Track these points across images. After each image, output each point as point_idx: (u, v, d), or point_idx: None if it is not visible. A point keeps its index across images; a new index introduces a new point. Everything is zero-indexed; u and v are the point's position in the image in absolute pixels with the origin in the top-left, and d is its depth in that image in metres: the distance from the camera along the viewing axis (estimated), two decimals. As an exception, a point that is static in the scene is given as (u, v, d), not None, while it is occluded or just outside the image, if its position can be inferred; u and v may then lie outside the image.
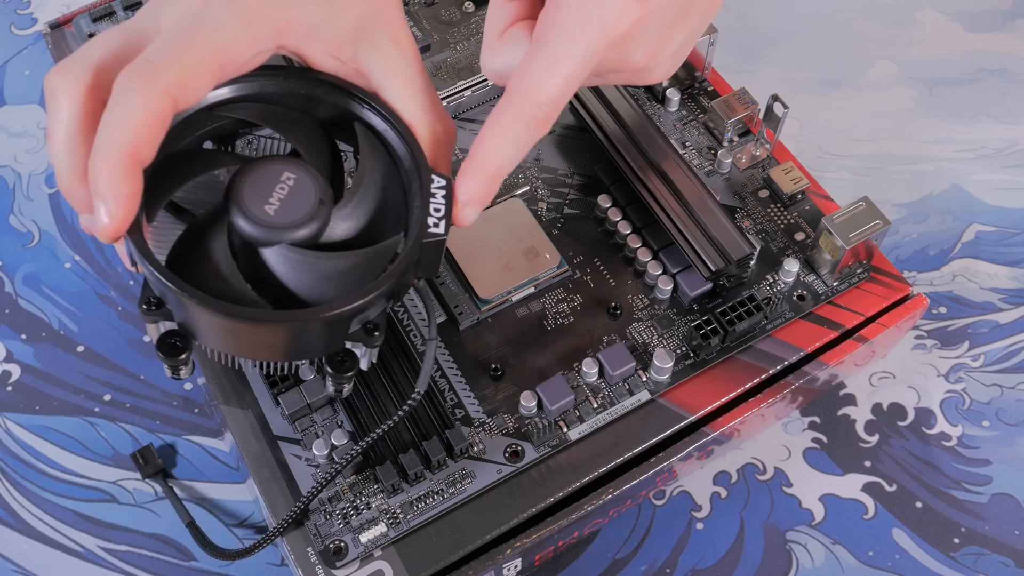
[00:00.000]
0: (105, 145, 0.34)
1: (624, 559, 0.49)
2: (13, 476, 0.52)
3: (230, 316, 0.35)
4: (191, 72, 0.35)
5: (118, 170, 0.34)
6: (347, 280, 0.37)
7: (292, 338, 0.37)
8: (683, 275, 0.48)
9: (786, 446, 0.52)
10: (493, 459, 0.44)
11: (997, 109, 0.64)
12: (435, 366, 0.47)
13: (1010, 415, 0.53)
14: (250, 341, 0.37)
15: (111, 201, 0.34)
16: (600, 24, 0.37)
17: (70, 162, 0.36)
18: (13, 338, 0.56)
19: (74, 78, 0.36)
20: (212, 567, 0.50)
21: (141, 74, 0.35)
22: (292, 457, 0.44)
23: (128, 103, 0.34)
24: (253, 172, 0.38)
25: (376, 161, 0.40)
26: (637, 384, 0.46)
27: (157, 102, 0.34)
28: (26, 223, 0.60)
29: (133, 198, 0.34)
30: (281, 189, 0.38)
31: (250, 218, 0.37)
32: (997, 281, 0.57)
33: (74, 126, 0.36)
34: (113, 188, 0.34)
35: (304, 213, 0.37)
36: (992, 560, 0.49)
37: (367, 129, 0.40)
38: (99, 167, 0.34)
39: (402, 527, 0.43)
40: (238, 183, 0.37)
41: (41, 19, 0.69)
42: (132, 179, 0.34)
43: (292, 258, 0.37)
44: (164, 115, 0.35)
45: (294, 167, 0.38)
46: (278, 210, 0.37)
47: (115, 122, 0.34)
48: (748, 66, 0.66)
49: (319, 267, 0.37)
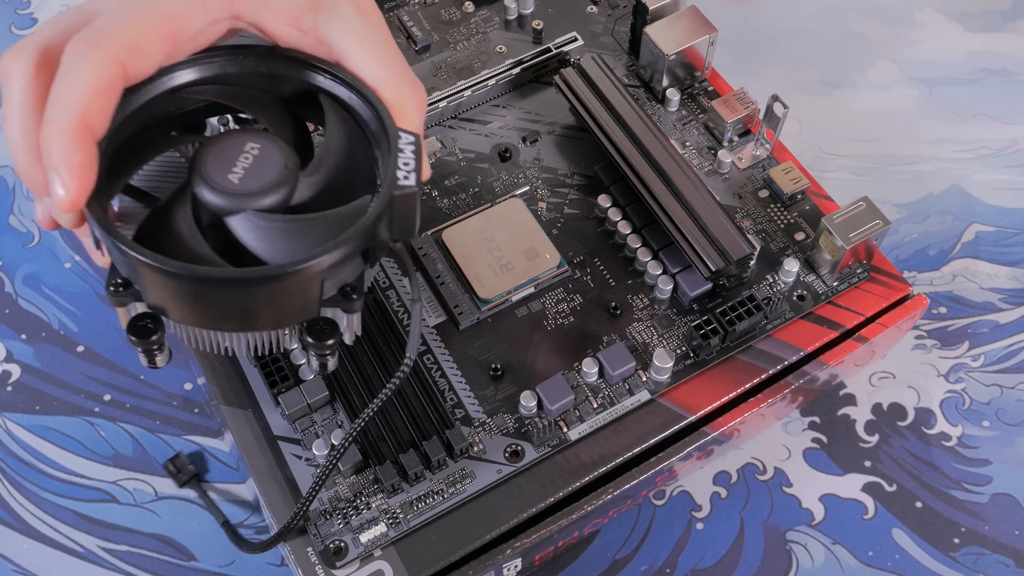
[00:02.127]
0: (55, 114, 0.33)
1: (624, 559, 0.49)
2: (13, 476, 0.52)
3: (196, 278, 0.33)
4: (140, 37, 0.35)
5: (70, 139, 0.33)
6: (319, 244, 0.35)
7: (263, 300, 0.35)
8: (683, 275, 0.48)
9: (786, 446, 0.52)
10: (493, 459, 0.44)
11: (997, 109, 0.64)
12: (435, 365, 0.47)
13: (1010, 415, 0.53)
14: (220, 308, 0.35)
15: (65, 171, 0.33)
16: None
17: (25, 143, 0.36)
18: (13, 338, 0.56)
19: (25, 57, 0.35)
20: (212, 567, 0.50)
21: (89, 42, 0.34)
22: (292, 457, 0.44)
23: (76, 70, 0.34)
24: (216, 144, 0.37)
25: (342, 128, 0.39)
26: (637, 384, 0.46)
27: (105, 68, 0.34)
28: (26, 223, 0.60)
29: (88, 167, 0.34)
30: (245, 159, 0.36)
31: (214, 187, 0.36)
32: (997, 281, 0.57)
33: (27, 106, 0.35)
34: (66, 157, 0.33)
35: (270, 179, 0.36)
36: (992, 560, 0.49)
37: (331, 99, 0.39)
38: (50, 137, 0.33)
39: (402, 527, 0.43)
40: (201, 156, 0.36)
41: (41, 19, 0.69)
42: (85, 148, 0.34)
43: (260, 224, 0.36)
44: (113, 82, 0.34)
45: (258, 137, 0.37)
46: (243, 178, 0.36)
47: (64, 90, 0.34)
48: (748, 66, 0.66)
49: (288, 231, 0.36)
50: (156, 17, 0.35)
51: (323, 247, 0.34)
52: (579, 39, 0.55)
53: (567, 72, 0.53)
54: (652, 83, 0.55)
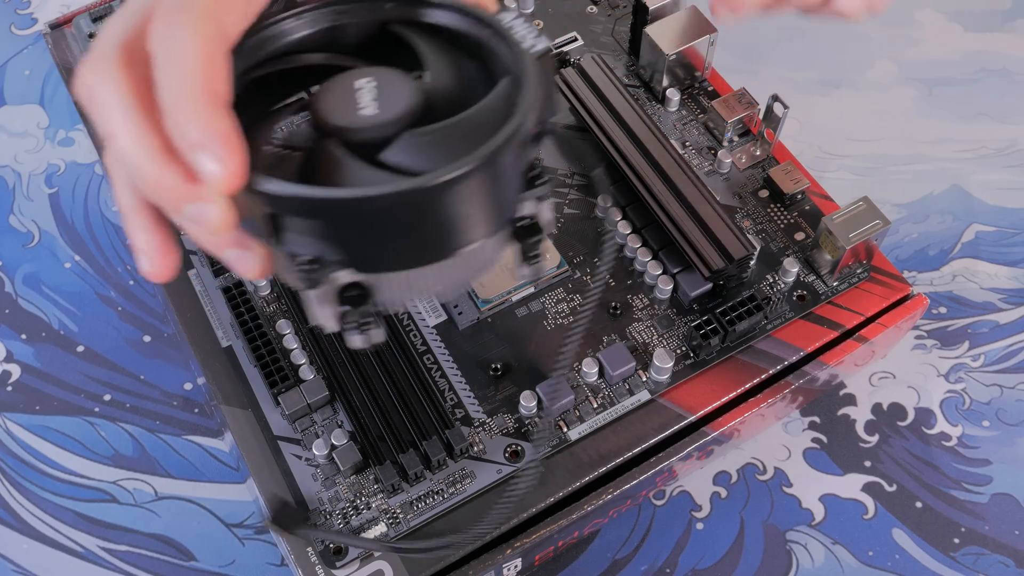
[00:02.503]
0: (177, 93, 0.30)
1: (624, 559, 0.49)
2: (13, 476, 0.52)
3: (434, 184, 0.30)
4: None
5: (205, 111, 0.30)
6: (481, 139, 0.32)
7: (484, 190, 0.32)
8: (683, 275, 0.48)
9: (786, 446, 0.52)
10: (493, 459, 0.44)
11: (997, 109, 0.64)
12: (435, 365, 0.47)
13: (1010, 415, 0.53)
14: (443, 222, 0.32)
15: (214, 142, 0.30)
16: None
17: (146, 147, 0.31)
18: (13, 338, 0.56)
19: (107, 63, 0.32)
20: (212, 567, 0.50)
21: (174, 11, 0.31)
22: (292, 457, 0.44)
23: (177, 42, 0.31)
24: (328, 95, 0.34)
25: (441, 45, 0.37)
26: (637, 384, 0.46)
27: (204, 28, 0.31)
28: (26, 223, 0.60)
29: (235, 133, 0.30)
30: (365, 94, 0.34)
31: (364, 127, 0.33)
32: (997, 281, 0.57)
33: (132, 108, 0.31)
34: (209, 128, 0.30)
35: (407, 98, 0.34)
36: (992, 560, 0.49)
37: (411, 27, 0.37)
38: (182, 117, 0.30)
39: (402, 527, 0.43)
40: (324, 110, 0.34)
41: (41, 19, 0.69)
42: (223, 114, 0.30)
43: (420, 142, 0.33)
44: (216, 39, 0.31)
45: (362, 73, 0.34)
46: (381, 108, 0.33)
47: (175, 66, 0.30)
48: (748, 66, 0.66)
49: (451, 133, 0.33)
50: None
51: (512, 116, 0.32)
52: (579, 39, 0.55)
53: (567, 72, 0.53)
54: (652, 83, 0.55)
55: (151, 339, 0.56)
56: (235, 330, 0.47)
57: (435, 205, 0.31)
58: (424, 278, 0.34)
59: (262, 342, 0.46)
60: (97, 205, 0.61)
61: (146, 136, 0.31)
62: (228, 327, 0.47)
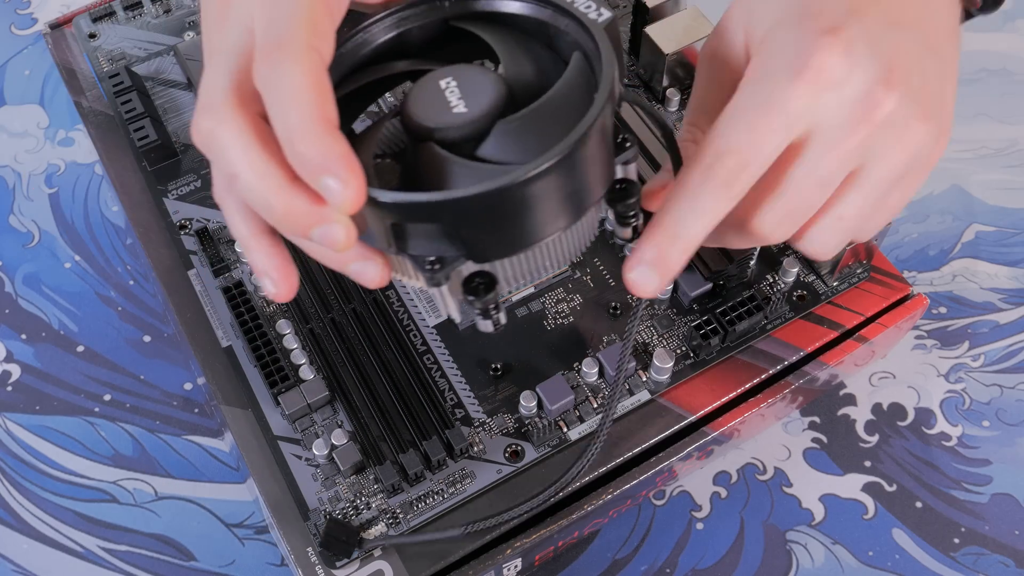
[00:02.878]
0: (295, 124, 0.32)
1: (624, 559, 0.49)
2: (13, 476, 0.52)
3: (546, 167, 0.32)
4: (311, 17, 0.34)
5: (322, 137, 0.32)
6: (571, 115, 0.34)
7: (588, 162, 0.34)
8: (683, 275, 0.48)
9: (786, 446, 0.52)
10: (493, 459, 0.44)
11: (997, 109, 0.64)
12: (435, 365, 0.46)
13: (1010, 415, 0.53)
14: (555, 200, 0.34)
15: (336, 165, 0.32)
16: (784, 68, 0.35)
17: (273, 179, 0.34)
18: (13, 338, 0.56)
19: (220, 109, 0.35)
20: (212, 567, 0.50)
21: (275, 48, 0.33)
22: (292, 457, 0.44)
23: (285, 76, 0.33)
24: (418, 98, 0.36)
25: (506, 32, 0.39)
26: (637, 384, 0.46)
27: (309, 61, 0.33)
28: (26, 223, 0.60)
29: (352, 155, 0.32)
30: (451, 92, 0.36)
31: (459, 126, 0.35)
32: (997, 281, 0.57)
33: (255, 145, 0.34)
34: (330, 152, 0.32)
35: (493, 92, 0.35)
36: (992, 560, 0.49)
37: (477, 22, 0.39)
38: (305, 147, 0.32)
39: (402, 527, 0.43)
40: (415, 113, 0.35)
41: (41, 19, 0.69)
42: (339, 137, 0.32)
43: (513, 129, 0.35)
44: (320, 70, 0.33)
45: (445, 72, 0.36)
46: (469, 106, 0.35)
47: (287, 99, 0.33)
48: (748, 66, 0.66)
49: (540, 116, 0.35)
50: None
51: (600, 87, 0.34)
52: (579, 39, 0.55)
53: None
54: (652, 83, 0.55)
55: (151, 339, 0.56)
56: (235, 330, 0.47)
57: (548, 186, 0.33)
58: (540, 255, 0.36)
59: (262, 342, 0.46)
60: (97, 205, 0.61)
61: (269, 170, 0.34)
62: (228, 327, 0.47)
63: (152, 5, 0.58)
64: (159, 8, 0.58)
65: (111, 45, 0.57)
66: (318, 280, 0.48)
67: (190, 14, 0.58)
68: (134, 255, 0.59)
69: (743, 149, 0.36)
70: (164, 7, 0.58)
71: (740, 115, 0.36)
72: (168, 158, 0.53)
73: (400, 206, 0.33)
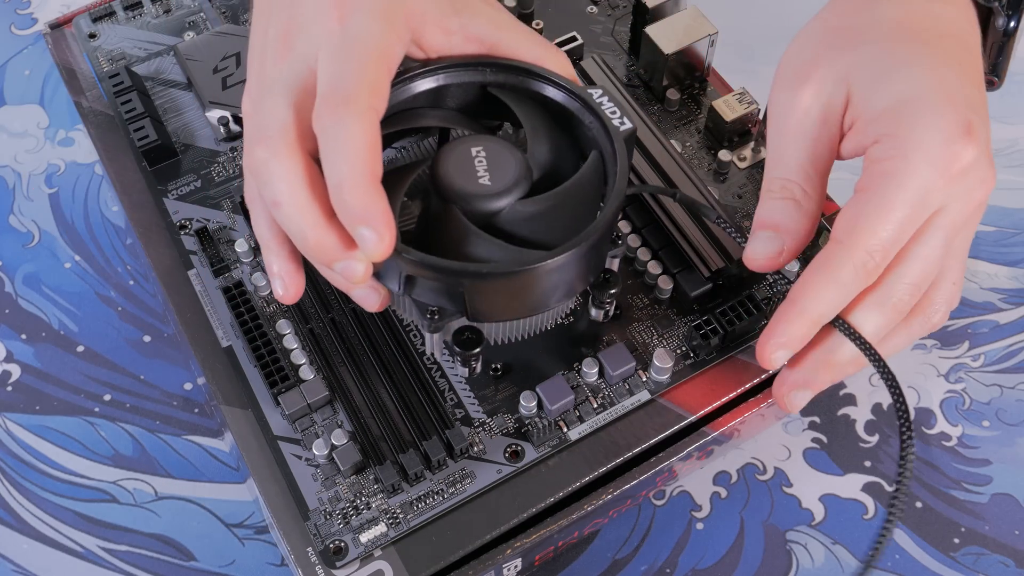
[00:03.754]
0: (346, 176, 0.36)
1: (624, 559, 0.49)
2: (13, 476, 0.52)
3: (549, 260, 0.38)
4: (374, 80, 0.38)
5: (370, 191, 0.36)
6: (578, 206, 0.40)
7: (580, 263, 0.39)
8: (683, 275, 0.48)
9: (786, 446, 0.52)
10: (493, 459, 0.44)
11: (997, 109, 0.64)
12: (435, 365, 0.46)
13: (1010, 415, 0.53)
14: (546, 288, 0.39)
15: (377, 220, 0.36)
16: (929, 162, 0.38)
17: (311, 215, 0.37)
18: (13, 338, 0.56)
19: (277, 144, 0.38)
20: (212, 567, 0.50)
21: (340, 103, 0.36)
22: (292, 457, 0.44)
23: (345, 131, 0.36)
24: (449, 160, 0.40)
25: (534, 108, 0.43)
26: (637, 384, 0.46)
27: (368, 121, 0.36)
28: (26, 223, 0.60)
29: (390, 212, 0.36)
30: (480, 162, 0.40)
31: (481, 197, 0.39)
32: (997, 281, 0.57)
33: (301, 182, 0.37)
34: (372, 209, 0.36)
35: (515, 169, 0.40)
36: (992, 560, 0.49)
37: (510, 92, 0.43)
38: (353, 197, 0.36)
39: (402, 527, 0.43)
40: (444, 175, 0.40)
41: (41, 19, 0.69)
42: (382, 195, 0.36)
43: (528, 212, 0.40)
44: (376, 129, 0.37)
45: (477, 141, 0.41)
46: (493, 179, 0.40)
47: (344, 152, 0.36)
48: (748, 66, 0.66)
49: (554, 206, 0.40)
50: (375, 59, 0.38)
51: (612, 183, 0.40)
52: (579, 39, 0.55)
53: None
54: (652, 83, 0.55)
55: (151, 339, 0.56)
56: (235, 330, 0.47)
57: (553, 276, 0.39)
58: (525, 324, 0.42)
59: (262, 342, 0.46)
60: (97, 205, 0.61)
61: (310, 208, 0.37)
62: (228, 327, 0.47)
63: (152, 5, 0.58)
64: (159, 8, 0.58)
65: (111, 45, 0.57)
66: (318, 280, 0.48)
67: (190, 14, 0.58)
68: (134, 255, 0.59)
69: (890, 245, 0.39)
70: (164, 7, 0.58)
71: (888, 213, 0.38)
72: (168, 158, 0.53)
73: (421, 265, 0.38)
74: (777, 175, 0.42)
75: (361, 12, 0.39)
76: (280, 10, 0.41)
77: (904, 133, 0.39)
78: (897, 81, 0.40)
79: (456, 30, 0.42)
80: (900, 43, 0.41)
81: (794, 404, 0.42)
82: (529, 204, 0.40)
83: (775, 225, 0.41)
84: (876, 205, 0.38)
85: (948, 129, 0.38)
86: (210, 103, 0.53)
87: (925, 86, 0.39)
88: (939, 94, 0.39)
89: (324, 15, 0.40)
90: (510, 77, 0.43)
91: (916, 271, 0.40)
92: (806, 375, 0.42)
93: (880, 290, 0.40)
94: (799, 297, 0.39)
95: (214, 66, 0.54)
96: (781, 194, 0.42)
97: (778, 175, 0.42)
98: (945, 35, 0.41)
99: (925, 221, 0.39)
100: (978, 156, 0.39)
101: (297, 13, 0.41)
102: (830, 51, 0.42)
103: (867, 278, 0.39)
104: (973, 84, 0.41)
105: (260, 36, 0.42)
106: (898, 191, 0.38)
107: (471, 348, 0.41)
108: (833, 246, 0.39)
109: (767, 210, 0.42)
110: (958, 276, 0.42)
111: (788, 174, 0.42)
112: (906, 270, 0.40)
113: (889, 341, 0.42)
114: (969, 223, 0.41)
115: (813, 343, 0.41)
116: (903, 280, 0.40)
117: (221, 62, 0.54)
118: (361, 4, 0.39)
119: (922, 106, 0.39)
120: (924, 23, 0.42)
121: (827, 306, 0.39)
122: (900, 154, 0.38)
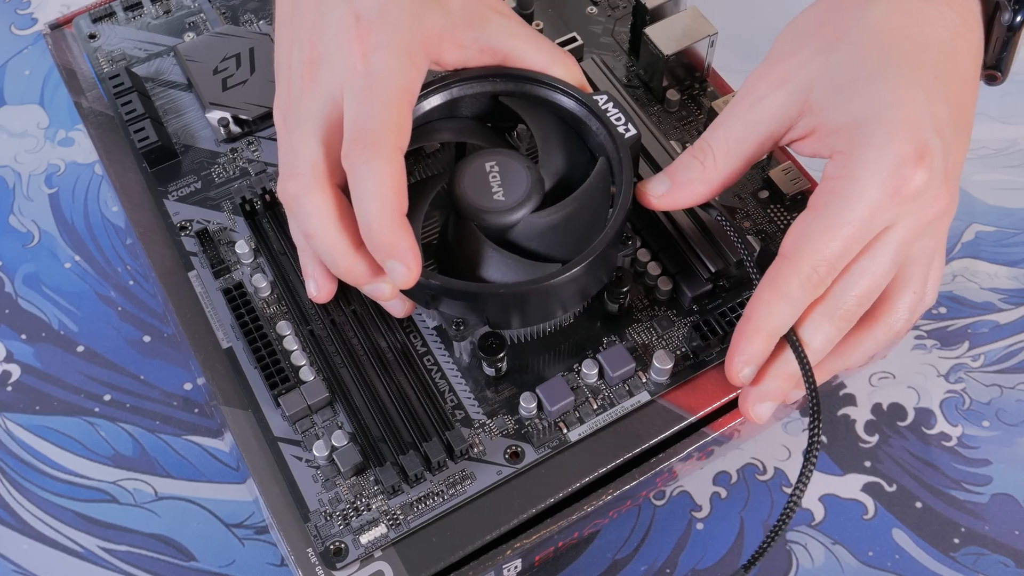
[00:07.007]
0: (376, 213, 0.38)
1: (624, 559, 0.49)
2: (13, 476, 0.52)
3: (561, 276, 0.41)
4: (399, 121, 0.40)
5: (398, 228, 0.38)
6: (588, 213, 0.43)
7: (593, 270, 0.42)
8: (683, 275, 0.48)
9: (786, 446, 0.53)
10: (493, 460, 0.44)
11: (997, 109, 0.64)
12: (435, 366, 0.47)
13: (1010, 415, 0.53)
14: (563, 297, 0.42)
15: (405, 255, 0.38)
16: (877, 184, 0.39)
17: (342, 245, 0.41)
18: (13, 338, 0.56)
19: (307, 178, 0.40)
20: (212, 567, 0.50)
21: (368, 144, 0.39)
22: (292, 458, 0.44)
23: (374, 171, 0.38)
24: (466, 176, 0.43)
25: (544, 114, 0.45)
26: (637, 385, 0.46)
27: (393, 161, 0.39)
28: (26, 223, 0.60)
29: (416, 246, 0.39)
30: (493, 178, 0.43)
31: (496, 212, 0.42)
32: (997, 281, 0.57)
33: (332, 215, 0.40)
34: (401, 244, 0.38)
35: (526, 182, 0.43)
36: (992, 560, 0.49)
37: (520, 100, 0.46)
38: (382, 235, 0.38)
39: (402, 528, 0.43)
40: (462, 190, 0.43)
41: (41, 19, 0.69)
42: (409, 231, 0.39)
43: (541, 224, 0.43)
44: (402, 167, 0.39)
45: (490, 156, 0.44)
46: (507, 194, 0.43)
47: (372, 192, 0.38)
48: (748, 66, 0.65)
49: (565, 217, 0.42)
50: (397, 97, 0.40)
51: (619, 190, 0.43)
52: (579, 39, 0.55)
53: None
54: (652, 83, 0.55)
55: (151, 339, 0.56)
56: (235, 331, 0.47)
57: (568, 286, 0.42)
58: (545, 326, 0.46)
59: (262, 343, 0.46)
60: (97, 205, 0.61)
61: (340, 239, 0.41)
62: (228, 328, 0.47)
63: (152, 6, 0.58)
64: (159, 9, 0.58)
65: (111, 46, 0.57)
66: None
67: (190, 15, 0.58)
68: (134, 255, 0.59)
69: (835, 261, 0.40)
70: (164, 8, 0.58)
71: (833, 231, 0.39)
72: (168, 159, 0.53)
73: (444, 289, 0.41)
74: (705, 136, 0.44)
75: (382, 49, 0.40)
76: (302, 31, 0.43)
77: (857, 153, 0.39)
78: (859, 97, 0.40)
79: (470, 44, 0.43)
80: (875, 51, 0.41)
81: (759, 415, 0.43)
82: (542, 216, 0.43)
83: (672, 172, 0.44)
84: (822, 223, 0.39)
85: (900, 152, 0.39)
86: (210, 104, 0.53)
87: (885, 104, 0.40)
88: (898, 114, 0.39)
89: (346, 49, 0.41)
90: (519, 86, 0.45)
91: (863, 284, 0.41)
92: (767, 387, 0.43)
93: (828, 302, 0.41)
94: (753, 314, 0.41)
95: (214, 67, 0.54)
96: (693, 152, 0.44)
97: (705, 136, 0.44)
98: (930, 43, 0.42)
99: (875, 236, 0.40)
100: (929, 179, 0.39)
101: (318, 41, 0.42)
102: (807, 47, 0.43)
103: (813, 291, 0.40)
104: (945, 99, 0.41)
105: (284, 56, 0.44)
106: (844, 210, 0.39)
107: (496, 353, 0.43)
108: (780, 261, 0.40)
109: (677, 160, 0.44)
110: (921, 283, 0.43)
111: (711, 140, 0.43)
112: (852, 283, 0.41)
113: (855, 349, 0.44)
114: (928, 234, 0.42)
115: (772, 356, 0.42)
116: (850, 292, 0.41)
117: (221, 63, 0.54)
118: (382, 40, 0.40)
119: (878, 127, 0.39)
120: (911, 29, 0.42)
121: (780, 319, 0.41)
122: (849, 174, 0.39)
